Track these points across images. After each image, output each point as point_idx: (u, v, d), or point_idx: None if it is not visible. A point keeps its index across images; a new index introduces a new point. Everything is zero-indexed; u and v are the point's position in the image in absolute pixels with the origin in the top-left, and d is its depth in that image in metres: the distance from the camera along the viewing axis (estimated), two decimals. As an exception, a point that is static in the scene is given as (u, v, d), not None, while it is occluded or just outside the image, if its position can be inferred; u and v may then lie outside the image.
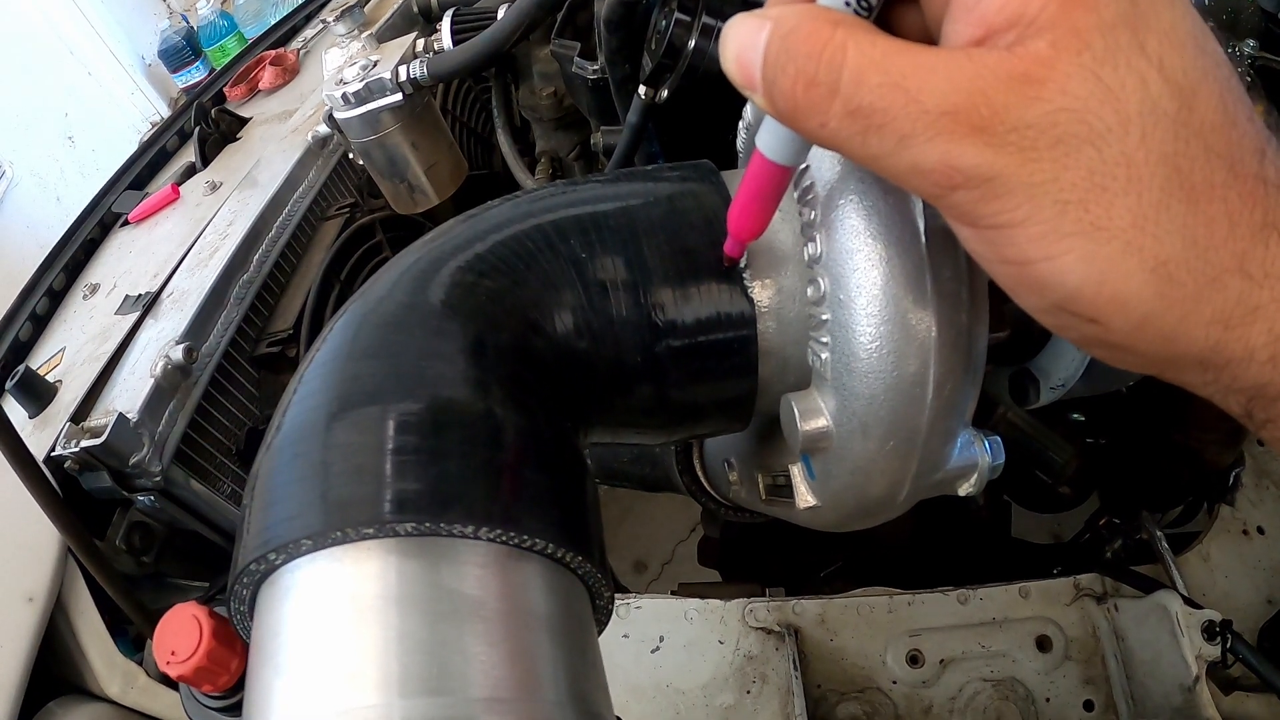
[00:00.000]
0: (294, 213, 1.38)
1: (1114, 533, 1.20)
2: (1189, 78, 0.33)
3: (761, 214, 0.47)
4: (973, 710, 0.99)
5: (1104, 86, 0.32)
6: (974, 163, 0.33)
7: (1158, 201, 0.33)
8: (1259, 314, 0.34)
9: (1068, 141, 0.32)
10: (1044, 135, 0.32)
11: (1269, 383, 0.35)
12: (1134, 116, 0.32)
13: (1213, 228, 0.33)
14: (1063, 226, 0.33)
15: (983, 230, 0.36)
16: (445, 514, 0.40)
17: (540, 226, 0.52)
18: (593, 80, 1.11)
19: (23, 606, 0.89)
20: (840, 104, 0.35)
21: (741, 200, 0.47)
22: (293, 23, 2.05)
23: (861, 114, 0.34)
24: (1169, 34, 0.33)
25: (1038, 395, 0.78)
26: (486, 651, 0.38)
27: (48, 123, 3.74)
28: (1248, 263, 0.33)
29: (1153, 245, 0.33)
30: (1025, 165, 0.33)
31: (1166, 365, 0.37)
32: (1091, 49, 0.32)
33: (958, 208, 0.36)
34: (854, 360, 0.48)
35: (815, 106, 0.35)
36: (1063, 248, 0.34)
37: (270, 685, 0.38)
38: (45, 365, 1.21)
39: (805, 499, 0.58)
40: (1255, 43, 1.07)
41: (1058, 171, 0.33)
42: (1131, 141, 0.32)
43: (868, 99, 0.34)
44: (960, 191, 0.34)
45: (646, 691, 0.99)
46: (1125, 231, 0.33)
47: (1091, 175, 0.33)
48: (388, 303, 0.49)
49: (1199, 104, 0.33)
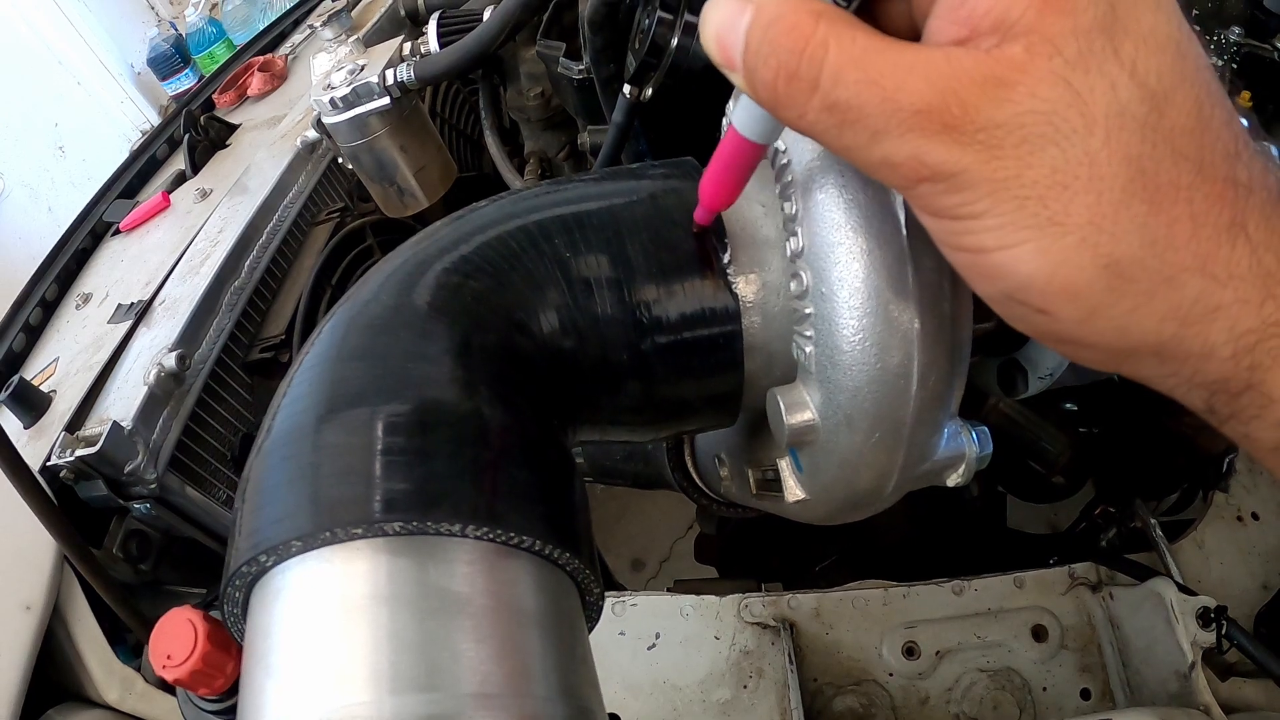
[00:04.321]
0: (284, 218, 1.39)
1: (1109, 521, 1.20)
2: (1163, 82, 0.33)
3: (732, 186, 0.47)
4: (969, 701, 0.99)
5: (1072, 90, 0.33)
6: (941, 158, 0.34)
7: (1118, 201, 0.33)
8: (1220, 313, 0.35)
9: (1033, 141, 0.33)
10: (1011, 135, 0.33)
11: (1231, 378, 0.36)
12: (1099, 119, 0.33)
13: (1174, 228, 0.34)
14: (1019, 219, 0.34)
15: (943, 220, 0.37)
16: (433, 513, 0.40)
17: (524, 227, 0.52)
18: (578, 80, 1.12)
19: (20, 615, 0.89)
20: (819, 99, 0.35)
21: (713, 171, 0.47)
22: (280, 28, 2.05)
23: (839, 109, 0.35)
24: (1147, 38, 0.33)
25: (1026, 385, 0.79)
26: (475, 648, 0.38)
27: (38, 133, 3.75)
28: (1210, 263, 0.34)
29: (1108, 242, 0.34)
30: (990, 162, 0.34)
31: (1122, 358, 0.38)
32: (1063, 54, 0.33)
33: (923, 198, 0.37)
34: (837, 353, 0.48)
35: (795, 99, 0.36)
36: (1019, 238, 0.35)
37: (262, 686, 0.39)
38: (39, 375, 1.21)
39: (794, 492, 0.58)
40: (1240, 29, 1.07)
41: (1020, 169, 0.34)
42: (1095, 143, 0.33)
43: (845, 95, 0.35)
44: (926, 184, 0.36)
45: (643, 688, 0.99)
46: (1081, 228, 0.34)
47: (1054, 173, 0.34)
48: (374, 305, 0.49)
49: (1171, 108, 0.34)
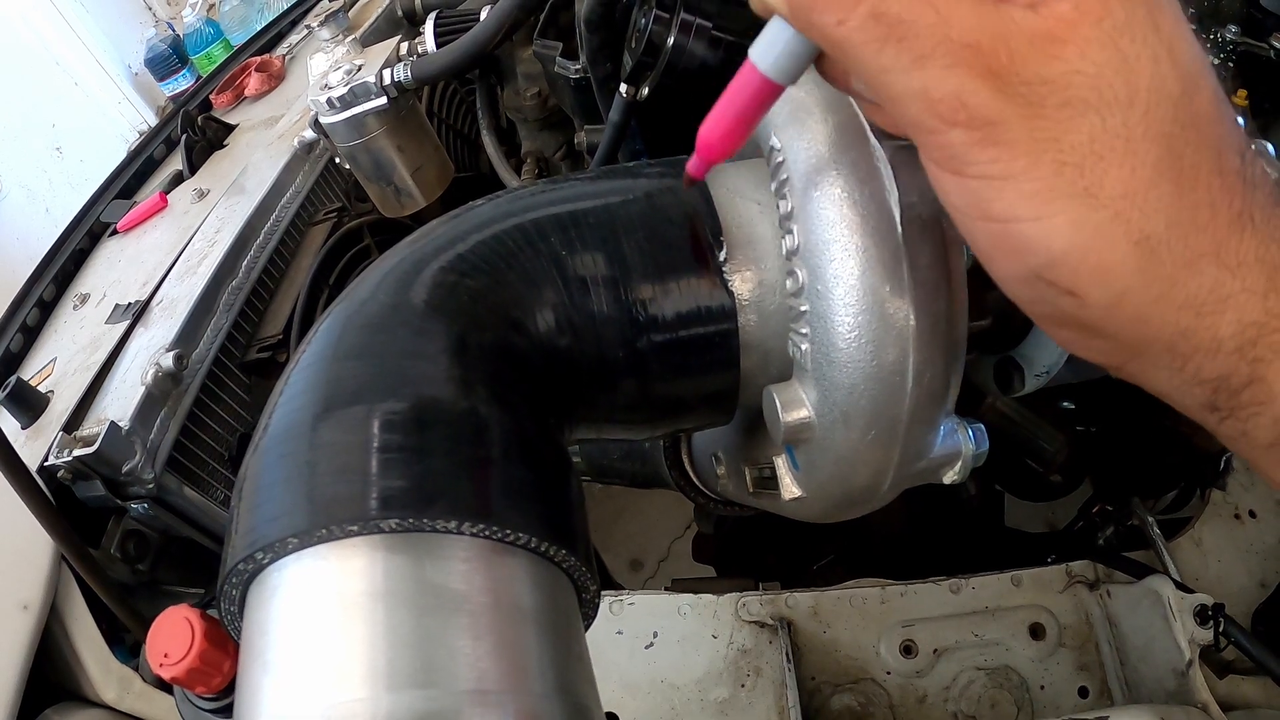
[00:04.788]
0: (282, 218, 1.38)
1: (1106, 519, 1.20)
2: (1193, 66, 0.33)
3: (736, 133, 0.43)
4: (967, 699, 0.99)
5: (1121, 56, 0.32)
6: (984, 102, 0.33)
7: (1149, 178, 0.33)
8: (1229, 303, 0.34)
9: (1075, 104, 0.33)
10: (1055, 94, 0.33)
11: (1234, 373, 0.35)
12: (1142, 91, 0.32)
13: (1196, 212, 0.34)
14: (1058, 186, 0.33)
15: (970, 180, 0.35)
16: (429, 510, 0.40)
17: (521, 225, 0.52)
18: (575, 80, 1.12)
19: (18, 614, 0.89)
20: (868, 5, 0.34)
21: (717, 115, 0.42)
22: (278, 29, 2.05)
23: (886, 20, 0.33)
24: (1177, 22, 0.33)
25: (1022, 383, 0.78)
26: (472, 645, 0.38)
27: (35, 134, 3.74)
28: (1223, 250, 0.34)
29: (1139, 219, 0.33)
30: (1032, 119, 0.33)
31: (1135, 352, 0.37)
32: (1113, 16, 0.32)
33: (950, 148, 0.35)
34: (833, 351, 0.48)
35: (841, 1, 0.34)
36: (1054, 209, 0.34)
37: (259, 682, 0.39)
38: (37, 376, 1.21)
39: (790, 490, 0.58)
40: (1236, 28, 1.07)
41: (1060, 132, 0.33)
42: (1135, 115, 0.33)
43: (897, 8, 0.33)
44: (960, 130, 0.34)
45: (641, 687, 0.99)
46: (1116, 201, 0.33)
47: (1092, 141, 0.33)
48: (371, 304, 0.49)
49: (1199, 93, 0.34)
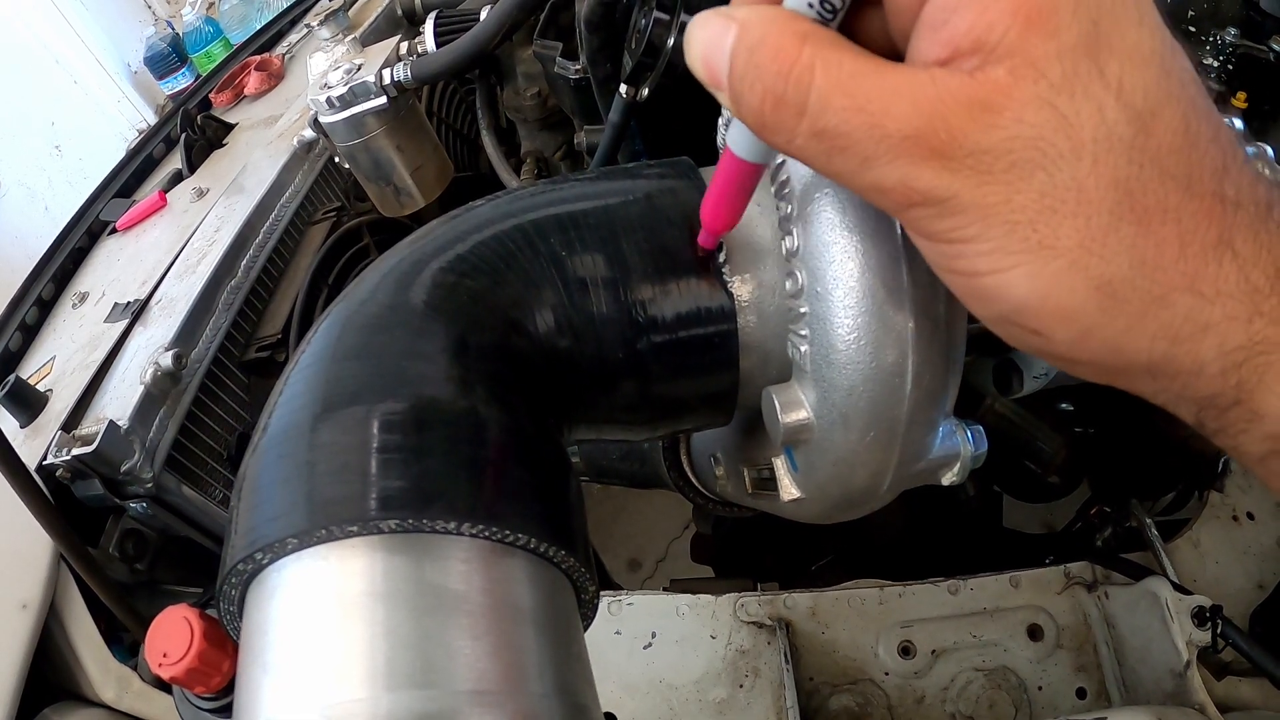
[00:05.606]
0: (281, 217, 1.39)
1: (1104, 521, 1.20)
2: (1149, 100, 0.33)
3: (732, 209, 0.47)
4: (965, 700, 0.99)
5: (1059, 114, 0.33)
6: (931, 184, 0.34)
7: (1106, 224, 0.33)
8: (1210, 330, 0.35)
9: (1021, 166, 0.33)
10: (999, 160, 0.33)
11: (1219, 394, 0.36)
12: (1087, 143, 0.33)
13: (1163, 249, 0.34)
14: (1010, 245, 0.34)
15: (937, 244, 0.37)
16: (429, 510, 0.40)
17: (520, 226, 0.52)
18: (575, 80, 1.12)
19: (17, 614, 0.89)
20: (807, 124, 0.35)
21: (713, 195, 0.47)
22: (277, 28, 2.05)
23: (826, 135, 0.35)
24: (1131, 55, 0.33)
25: (1021, 385, 0.79)
26: (471, 645, 0.38)
27: (34, 132, 3.74)
28: (1199, 281, 0.34)
29: (1098, 265, 0.34)
30: (980, 187, 0.34)
31: (1116, 374, 0.38)
32: (1048, 77, 0.32)
33: (914, 223, 0.37)
34: (832, 352, 0.48)
35: (782, 124, 0.36)
36: (1009, 263, 0.35)
37: (259, 683, 0.39)
38: (35, 375, 1.21)
39: (789, 491, 0.58)
40: (1236, 31, 1.07)
41: (1010, 194, 0.34)
42: (1083, 167, 0.33)
43: (832, 122, 0.35)
44: (916, 209, 0.36)
45: (639, 687, 0.99)
46: (1071, 251, 0.34)
47: (1042, 198, 0.33)
48: (370, 304, 0.49)
49: (1158, 126, 0.33)
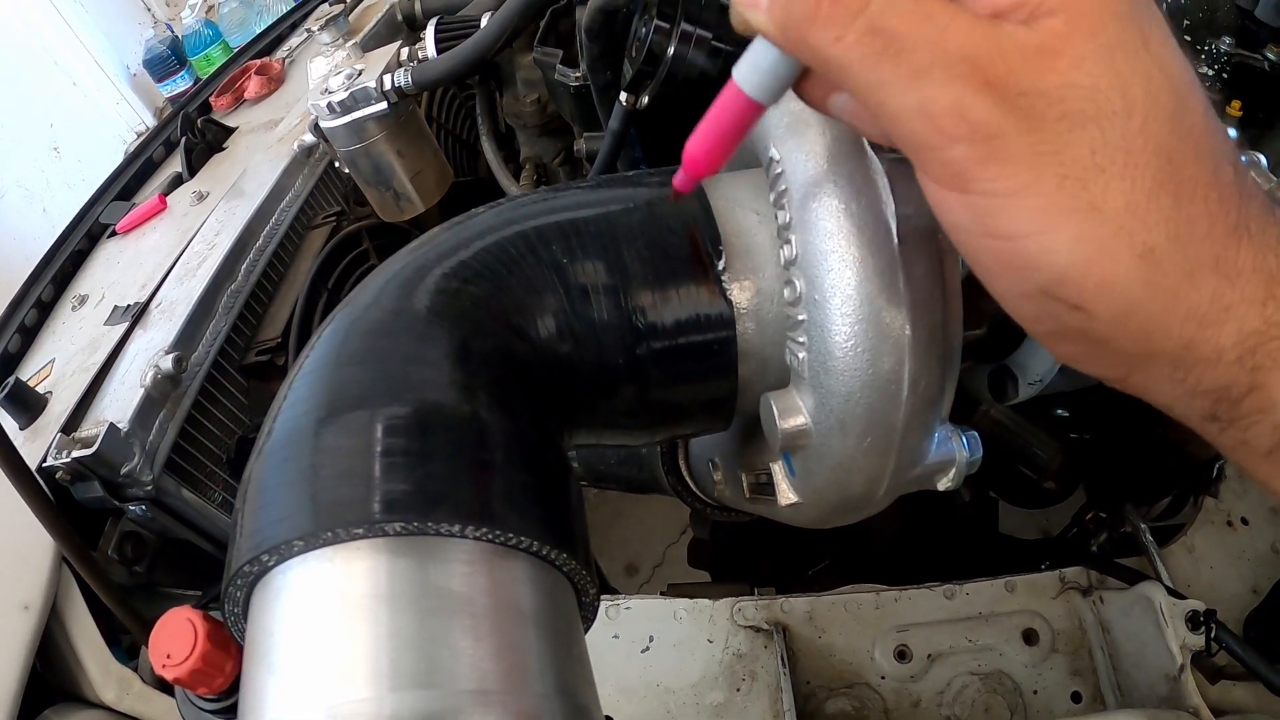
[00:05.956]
0: (281, 222, 1.39)
1: (1100, 526, 1.20)
2: (1183, 79, 0.34)
3: (720, 150, 0.43)
4: (961, 704, 1.00)
5: (1116, 70, 0.32)
6: (984, 116, 0.33)
7: (1150, 190, 0.33)
8: (1230, 313, 0.34)
9: (1073, 117, 0.33)
10: (1052, 107, 0.33)
11: (1234, 383, 0.36)
12: (1139, 103, 0.33)
13: (1194, 224, 0.34)
14: (1061, 201, 0.33)
15: (974, 197, 0.35)
16: (432, 513, 0.41)
17: (522, 233, 0.53)
18: (575, 87, 1.12)
19: (18, 615, 0.90)
20: (865, 20, 0.34)
21: (702, 132, 0.43)
22: (277, 32, 2.05)
23: (883, 35, 0.33)
24: (1165, 40, 0.34)
25: (1016, 391, 0.79)
26: (474, 646, 0.39)
27: (33, 134, 3.73)
28: (1222, 261, 0.34)
29: (1142, 232, 0.33)
30: (1030, 133, 0.33)
31: (1139, 365, 0.37)
32: (1106, 32, 0.33)
33: (954, 165, 0.35)
34: (830, 359, 0.49)
35: (838, 17, 0.34)
36: (1059, 223, 0.34)
37: (264, 683, 0.39)
38: (35, 377, 1.21)
39: (787, 496, 0.59)
40: (1231, 39, 1.08)
41: (1060, 145, 0.33)
42: (1133, 127, 0.33)
43: (894, 22, 0.33)
44: (962, 145, 0.34)
45: (637, 691, 0.99)
46: (1119, 215, 0.33)
47: (1093, 154, 0.33)
48: (374, 310, 0.50)
49: (1192, 108, 0.34)
